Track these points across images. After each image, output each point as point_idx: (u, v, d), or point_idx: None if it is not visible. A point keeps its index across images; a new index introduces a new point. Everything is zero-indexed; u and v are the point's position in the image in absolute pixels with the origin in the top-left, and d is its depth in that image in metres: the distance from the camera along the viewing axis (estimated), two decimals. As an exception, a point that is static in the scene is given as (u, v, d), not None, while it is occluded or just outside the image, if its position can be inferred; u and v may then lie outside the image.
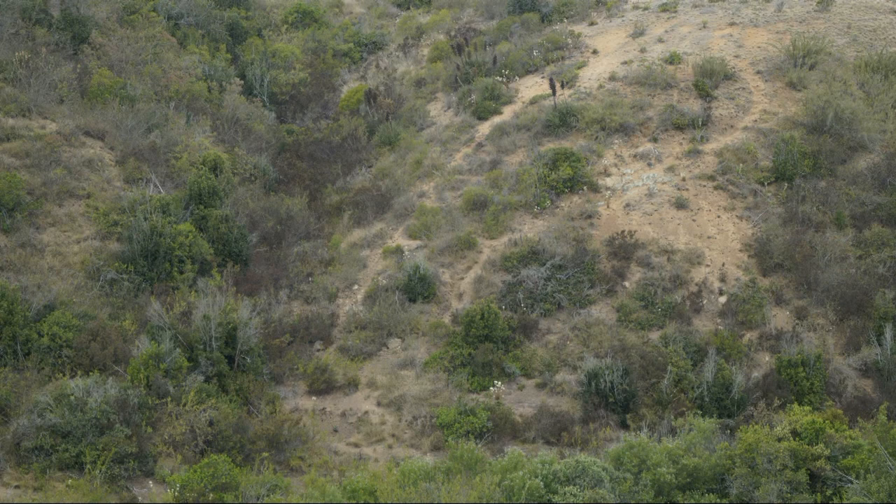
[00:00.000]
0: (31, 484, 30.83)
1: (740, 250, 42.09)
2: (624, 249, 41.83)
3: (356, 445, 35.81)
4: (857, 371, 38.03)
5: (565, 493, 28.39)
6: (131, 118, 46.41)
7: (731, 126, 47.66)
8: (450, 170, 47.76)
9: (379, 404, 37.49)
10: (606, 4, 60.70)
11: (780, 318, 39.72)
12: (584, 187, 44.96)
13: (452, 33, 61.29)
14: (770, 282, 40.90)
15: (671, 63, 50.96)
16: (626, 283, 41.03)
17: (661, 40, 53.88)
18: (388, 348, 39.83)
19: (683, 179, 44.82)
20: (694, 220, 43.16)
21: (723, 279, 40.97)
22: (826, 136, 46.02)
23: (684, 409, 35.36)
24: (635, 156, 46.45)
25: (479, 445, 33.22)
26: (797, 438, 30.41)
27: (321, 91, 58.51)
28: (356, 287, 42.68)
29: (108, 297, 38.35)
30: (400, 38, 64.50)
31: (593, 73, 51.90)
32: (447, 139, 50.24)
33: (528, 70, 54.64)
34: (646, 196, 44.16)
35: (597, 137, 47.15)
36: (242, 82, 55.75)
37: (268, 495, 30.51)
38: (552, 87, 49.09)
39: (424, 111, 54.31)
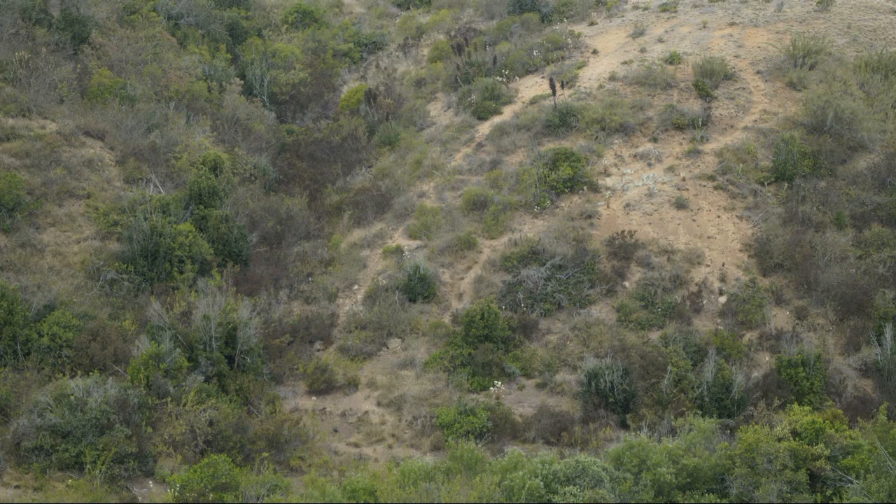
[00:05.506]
0: (31, 484, 30.83)
1: (740, 250, 42.09)
2: (624, 249, 41.83)
3: (356, 445, 35.81)
4: (857, 371, 38.03)
5: (565, 493, 28.40)
6: (131, 118, 46.41)
7: (731, 126, 47.66)
8: (450, 170, 47.77)
9: (379, 404, 37.49)
10: (606, 4, 60.71)
11: (780, 318, 39.72)
12: (584, 187, 44.97)
13: (452, 33, 61.29)
14: (770, 282, 40.90)
15: (671, 63, 50.96)
16: (626, 283, 41.03)
17: (661, 40, 53.88)
18: (388, 348, 39.83)
19: (683, 179, 44.83)
20: (694, 220, 43.17)
21: (723, 279, 40.98)
22: (826, 136, 46.02)
23: (684, 409, 35.36)
24: (635, 156, 46.46)
25: (479, 445, 33.21)
26: (797, 438, 30.41)
27: (321, 91, 58.51)
28: (356, 287, 42.69)
29: (108, 297, 38.35)
30: (400, 38, 64.50)
31: (593, 73, 51.91)
32: (447, 139, 50.25)
33: (528, 70, 54.64)
34: (646, 196, 44.17)
35: (597, 137, 47.15)
36: (242, 82, 55.75)
37: (268, 495, 30.52)
38: (552, 87, 49.09)
39: (424, 111, 54.31)
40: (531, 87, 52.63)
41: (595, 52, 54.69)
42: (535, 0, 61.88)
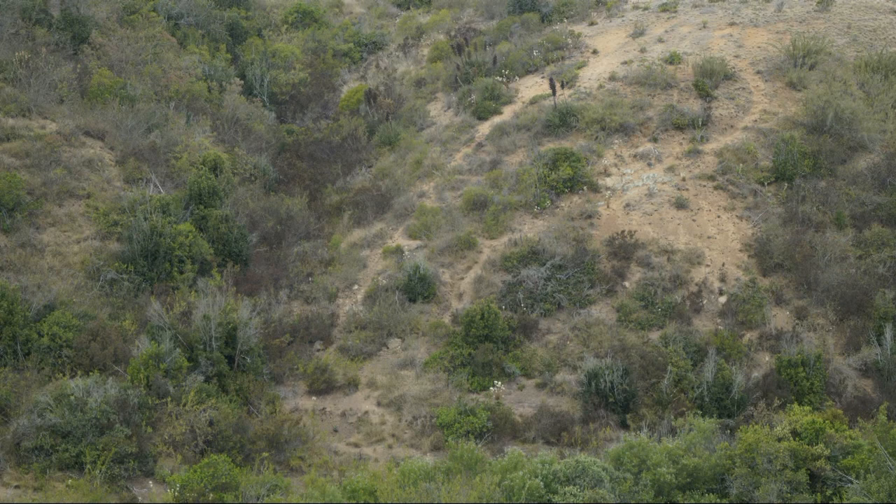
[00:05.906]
0: (31, 484, 30.83)
1: (740, 250, 42.09)
2: (624, 249, 41.83)
3: (356, 445, 35.81)
4: (857, 371, 38.03)
5: (565, 493, 28.39)
6: (131, 118, 46.41)
7: (731, 126, 47.66)
8: (450, 170, 47.77)
9: (379, 404, 37.49)
10: (606, 4, 60.71)
11: (780, 318, 39.72)
12: (584, 187, 44.97)
13: (452, 33, 61.29)
14: (770, 282, 40.90)
15: (671, 63, 50.96)
16: (626, 283, 41.03)
17: (661, 40, 53.88)
18: (388, 348, 39.83)
19: (683, 179, 44.83)
20: (694, 220, 43.17)
21: (723, 279, 40.98)
22: (826, 136, 46.02)
23: (684, 409, 35.35)
24: (635, 156, 46.46)
25: (479, 445, 33.21)
26: (797, 438, 30.41)
27: (321, 91, 58.51)
28: (356, 287, 42.69)
29: (108, 297, 38.35)
30: (400, 38, 64.51)
31: (593, 73, 51.90)
32: (447, 139, 50.25)
33: (528, 70, 54.64)
34: (646, 196, 44.17)
35: (597, 137, 47.15)
36: (242, 82, 55.76)
37: (268, 495, 30.52)
38: (552, 87, 49.09)
39: (424, 111, 54.31)
40: (531, 87, 52.63)
41: (595, 52, 54.69)
42: (535, 0, 61.88)
